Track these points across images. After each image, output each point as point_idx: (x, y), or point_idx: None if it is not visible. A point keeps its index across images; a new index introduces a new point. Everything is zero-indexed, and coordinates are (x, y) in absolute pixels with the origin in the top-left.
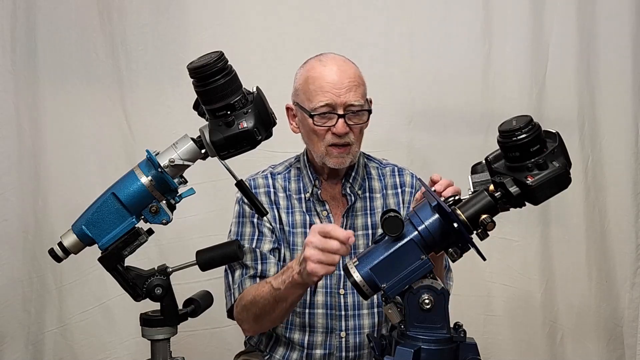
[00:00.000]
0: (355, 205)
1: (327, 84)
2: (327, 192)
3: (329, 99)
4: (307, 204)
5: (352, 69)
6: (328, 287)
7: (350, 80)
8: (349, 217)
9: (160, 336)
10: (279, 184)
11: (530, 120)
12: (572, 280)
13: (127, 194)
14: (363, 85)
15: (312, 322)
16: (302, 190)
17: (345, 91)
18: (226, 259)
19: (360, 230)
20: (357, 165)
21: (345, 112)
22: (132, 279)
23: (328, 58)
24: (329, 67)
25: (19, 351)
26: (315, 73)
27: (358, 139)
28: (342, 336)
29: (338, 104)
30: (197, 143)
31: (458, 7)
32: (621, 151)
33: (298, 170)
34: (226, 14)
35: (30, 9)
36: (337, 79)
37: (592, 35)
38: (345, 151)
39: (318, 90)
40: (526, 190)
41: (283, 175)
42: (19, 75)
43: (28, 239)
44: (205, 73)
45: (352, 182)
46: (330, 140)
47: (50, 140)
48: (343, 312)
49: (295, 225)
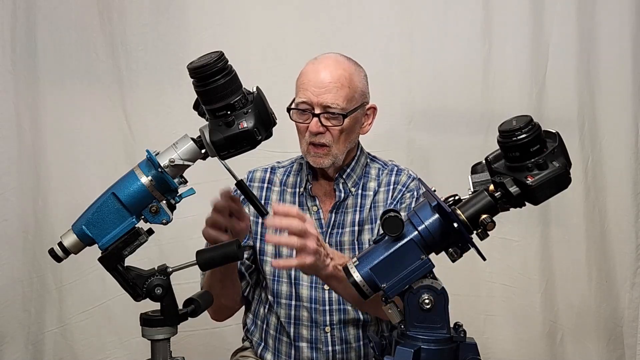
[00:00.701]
0: (347, 202)
1: (309, 82)
2: (322, 187)
3: (307, 97)
4: (299, 199)
5: (340, 71)
6: (312, 282)
7: (333, 81)
8: (338, 214)
9: (160, 336)
10: (276, 178)
11: (530, 120)
12: (572, 280)
13: (127, 194)
14: (349, 89)
15: (297, 315)
16: (298, 185)
17: (324, 91)
18: (226, 259)
19: (348, 227)
20: (354, 163)
21: (321, 112)
22: (132, 279)
23: (323, 57)
24: (317, 66)
25: (19, 351)
26: (306, 69)
27: (339, 140)
28: (327, 331)
29: (315, 103)
30: (197, 143)
31: (458, 7)
32: (621, 151)
33: (300, 165)
34: (226, 14)
35: (31, 9)
36: (320, 79)
37: (592, 35)
38: (323, 152)
39: (301, 87)
40: (526, 190)
41: (285, 169)
42: (19, 75)
43: (28, 239)
44: (206, 73)
45: (345, 178)
46: (308, 139)
47: (50, 140)
48: (327, 307)
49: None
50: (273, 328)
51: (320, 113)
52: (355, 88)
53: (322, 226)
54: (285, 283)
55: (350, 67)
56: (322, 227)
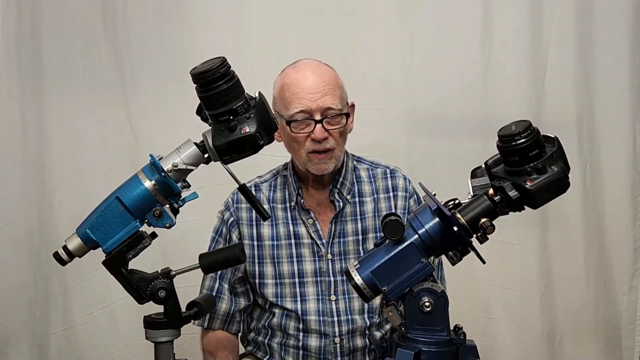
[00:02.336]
0: (345, 210)
1: (302, 90)
2: (314, 198)
3: (304, 106)
4: (292, 213)
5: (327, 73)
6: (319, 294)
7: (325, 84)
8: (338, 223)
9: (163, 338)
10: (263, 196)
11: (530, 125)
12: (571, 283)
13: (130, 198)
14: (340, 89)
15: (305, 328)
16: (288, 199)
17: (321, 95)
18: (229, 262)
19: (351, 236)
20: (344, 170)
21: (322, 117)
22: (136, 282)
23: (302, 64)
24: (302, 73)
25: (24, 353)
26: (289, 80)
27: (339, 142)
28: (337, 342)
29: (314, 110)
30: (200, 148)
31: (458, 13)
32: (619, 156)
33: (284, 178)
34: (229, 20)
35: (35, 15)
36: (312, 84)
37: (591, 41)
38: (327, 157)
39: (293, 97)
40: (525, 194)
41: (269, 184)
42: (24, 80)
43: (33, 243)
44: (208, 78)
45: (340, 188)
46: (310, 147)
47: (55, 145)
48: (336, 318)
49: (280, 238)
50: (277, 342)
51: (322, 118)
52: (342, 87)
53: (321, 237)
54: (290, 301)
55: (330, 69)
56: (321, 239)
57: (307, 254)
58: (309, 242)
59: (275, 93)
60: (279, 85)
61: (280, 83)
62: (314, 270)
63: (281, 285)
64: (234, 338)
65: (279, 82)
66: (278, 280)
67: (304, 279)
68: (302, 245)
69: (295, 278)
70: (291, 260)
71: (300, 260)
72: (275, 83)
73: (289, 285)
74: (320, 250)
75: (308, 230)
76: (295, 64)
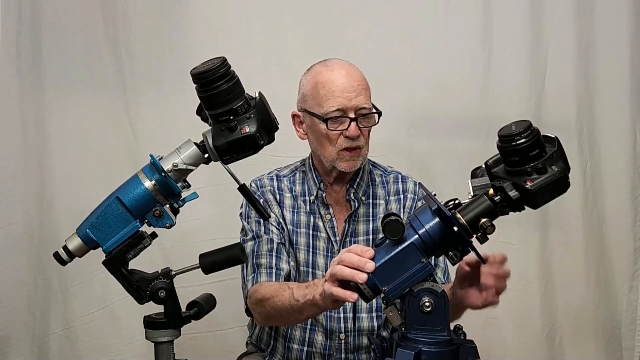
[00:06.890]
0: (358, 211)
1: (337, 89)
2: (332, 196)
3: (340, 104)
4: (311, 207)
5: (359, 73)
6: None
7: (359, 83)
8: (351, 222)
9: (163, 338)
10: (284, 185)
11: (530, 125)
12: (571, 283)
13: (131, 198)
14: (369, 89)
15: (312, 322)
16: (307, 193)
17: (355, 95)
18: (229, 262)
19: (362, 236)
20: (362, 172)
21: (356, 116)
22: (136, 282)
23: (334, 63)
24: (337, 72)
25: (24, 353)
26: (323, 78)
27: (367, 141)
28: (342, 338)
29: (349, 108)
30: (200, 148)
31: (458, 13)
32: (619, 156)
33: (303, 173)
34: (229, 20)
35: (36, 15)
36: (347, 83)
37: (591, 41)
38: (356, 154)
39: (329, 95)
40: (525, 194)
41: (288, 178)
42: (24, 80)
43: (33, 243)
44: (208, 78)
45: (356, 188)
46: (342, 145)
47: (55, 145)
48: (342, 315)
49: (300, 225)
50: (282, 335)
51: (356, 117)
52: (369, 87)
53: (335, 234)
54: None
55: (358, 69)
56: (335, 236)
57: (321, 248)
58: (325, 236)
59: (306, 91)
60: (311, 83)
61: (312, 81)
62: (324, 265)
63: (297, 270)
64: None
65: (310, 80)
66: (294, 264)
67: (317, 270)
68: (319, 238)
69: (309, 267)
70: (307, 249)
71: (315, 252)
72: (304, 81)
73: (303, 274)
74: (333, 247)
75: (325, 225)
76: (327, 62)
